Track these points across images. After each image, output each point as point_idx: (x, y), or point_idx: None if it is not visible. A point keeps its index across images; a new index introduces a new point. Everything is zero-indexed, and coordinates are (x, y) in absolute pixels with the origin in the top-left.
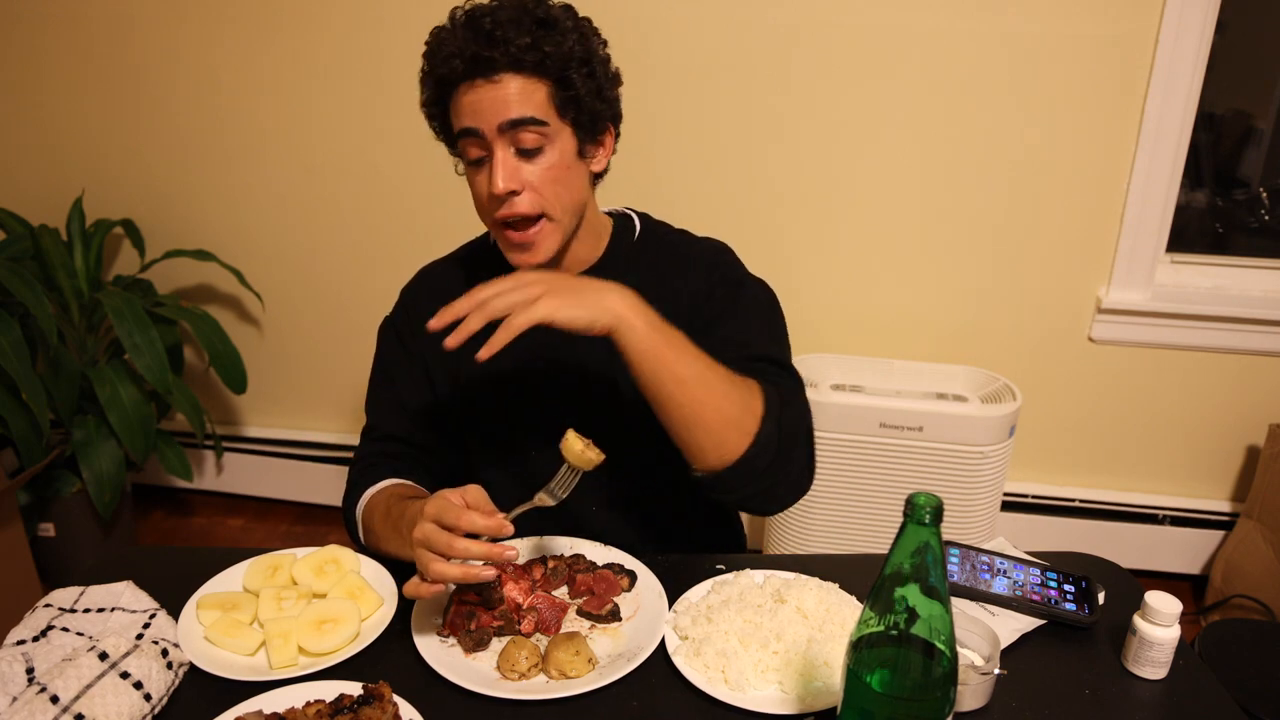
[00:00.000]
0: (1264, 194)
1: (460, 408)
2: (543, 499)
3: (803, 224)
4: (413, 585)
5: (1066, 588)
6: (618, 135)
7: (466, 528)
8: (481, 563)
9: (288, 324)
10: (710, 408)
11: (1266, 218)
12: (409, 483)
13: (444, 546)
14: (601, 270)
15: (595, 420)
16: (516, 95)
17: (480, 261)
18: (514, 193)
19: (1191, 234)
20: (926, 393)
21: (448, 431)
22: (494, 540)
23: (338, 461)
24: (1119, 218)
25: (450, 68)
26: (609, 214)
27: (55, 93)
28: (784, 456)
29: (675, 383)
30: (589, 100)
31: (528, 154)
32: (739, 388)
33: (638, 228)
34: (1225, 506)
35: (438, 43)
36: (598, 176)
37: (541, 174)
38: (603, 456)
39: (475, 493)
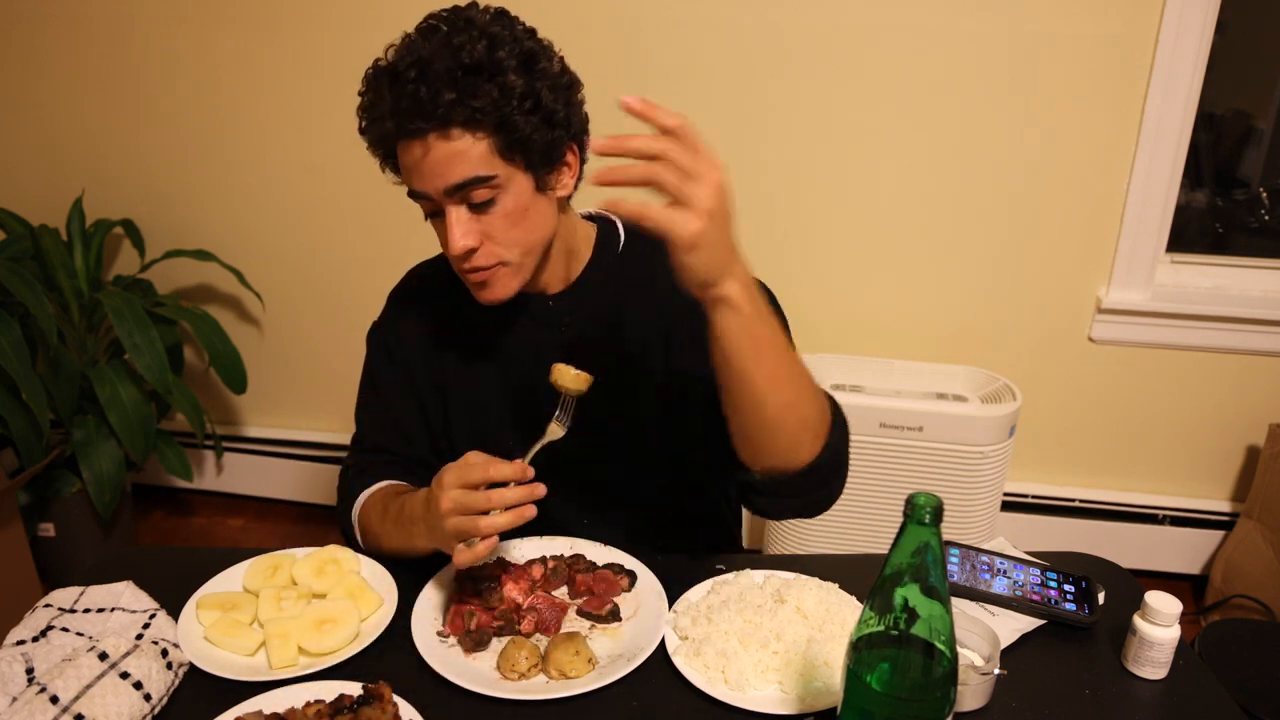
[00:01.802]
0: (1264, 194)
1: (445, 419)
2: (551, 432)
3: (802, 224)
4: (462, 555)
5: (1066, 588)
6: (584, 150)
7: (496, 477)
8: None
9: (288, 324)
10: (795, 410)
11: (1266, 218)
12: (401, 483)
13: (482, 502)
14: (581, 288)
15: (582, 433)
16: (454, 157)
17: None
18: (472, 251)
19: (1191, 234)
20: (926, 393)
21: (435, 443)
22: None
23: (338, 461)
24: (1119, 218)
25: (382, 129)
26: (591, 217)
27: (55, 93)
28: (843, 463)
29: (768, 381)
30: (538, 138)
31: (480, 207)
32: (818, 392)
33: (621, 238)
34: (1225, 506)
35: (368, 99)
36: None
37: (498, 224)
38: (593, 378)
39: (476, 456)
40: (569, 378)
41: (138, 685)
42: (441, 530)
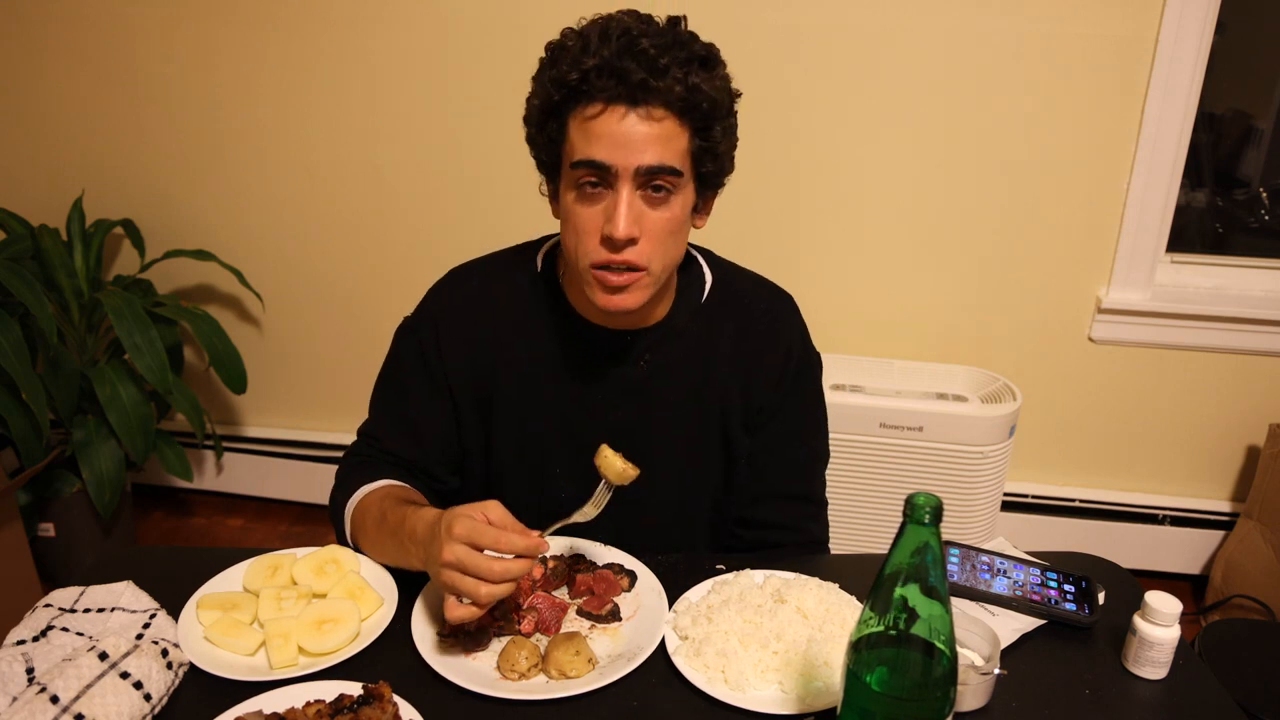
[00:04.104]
0: (1264, 194)
1: (486, 435)
2: (580, 516)
3: (803, 224)
4: (457, 611)
5: (1066, 588)
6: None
7: (506, 550)
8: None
9: (288, 324)
10: None
11: (1266, 218)
12: (404, 485)
13: (485, 571)
14: (665, 329)
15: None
16: (664, 137)
17: (534, 301)
18: (632, 241)
19: (1191, 234)
20: (926, 393)
21: (456, 459)
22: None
23: (338, 461)
24: (1119, 218)
25: (595, 86)
26: None
27: (55, 93)
28: None
29: None
30: (722, 153)
31: (652, 200)
32: None
33: (708, 282)
34: (1225, 506)
35: (580, 48)
36: None
37: (661, 225)
38: (638, 471)
39: (498, 511)
40: (616, 471)
41: (138, 685)
42: (437, 575)
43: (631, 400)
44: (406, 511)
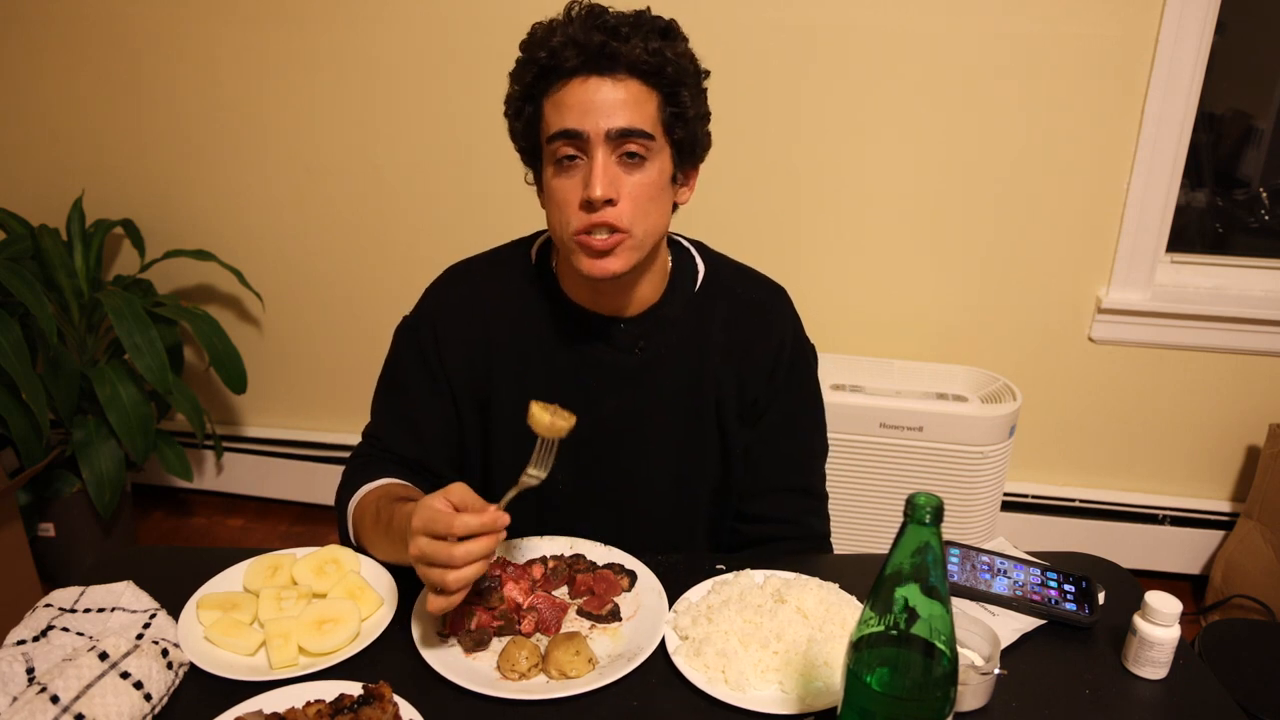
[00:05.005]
0: (1264, 194)
1: (484, 434)
2: (528, 479)
3: (802, 224)
4: (434, 603)
5: (1066, 588)
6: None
7: (461, 532)
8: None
9: (288, 324)
10: None
11: (1266, 218)
12: (403, 482)
13: (445, 558)
14: (657, 316)
15: (624, 462)
16: (631, 101)
17: (529, 293)
18: (610, 201)
19: (1191, 234)
20: (926, 393)
21: (458, 456)
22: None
23: (338, 461)
24: (1119, 218)
25: (562, 58)
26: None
27: (55, 92)
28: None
29: None
30: (695, 122)
31: (628, 166)
32: None
33: (700, 272)
34: (1225, 506)
35: (547, 31)
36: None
37: (638, 188)
38: (573, 420)
39: (459, 491)
40: (545, 424)
41: (138, 685)
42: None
43: (626, 388)
44: (396, 509)
